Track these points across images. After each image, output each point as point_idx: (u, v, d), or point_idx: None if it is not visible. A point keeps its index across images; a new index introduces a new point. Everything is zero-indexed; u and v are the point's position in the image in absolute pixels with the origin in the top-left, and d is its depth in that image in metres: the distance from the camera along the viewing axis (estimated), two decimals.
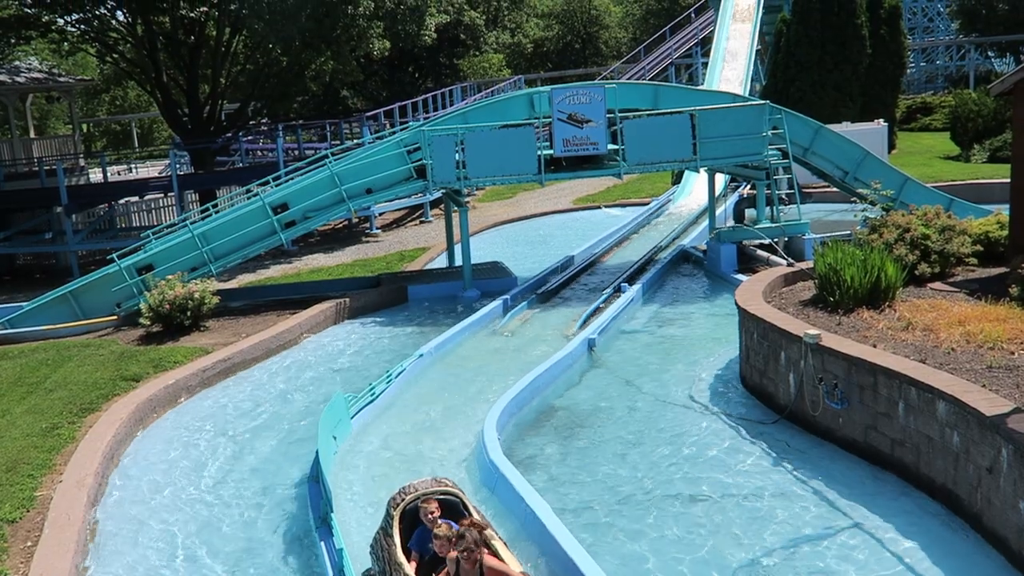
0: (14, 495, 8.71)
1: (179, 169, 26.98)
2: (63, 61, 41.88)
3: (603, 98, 16.60)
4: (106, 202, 27.41)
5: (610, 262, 19.23)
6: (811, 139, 17.74)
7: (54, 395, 11.66)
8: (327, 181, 16.66)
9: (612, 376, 12.10)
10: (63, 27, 28.30)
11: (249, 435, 10.85)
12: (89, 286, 16.03)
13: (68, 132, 38.82)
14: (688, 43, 46.40)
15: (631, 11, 72.44)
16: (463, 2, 45.63)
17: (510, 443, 9.89)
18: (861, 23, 30.03)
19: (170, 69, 29.23)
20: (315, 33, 26.02)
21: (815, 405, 9.41)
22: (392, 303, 16.84)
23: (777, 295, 11.72)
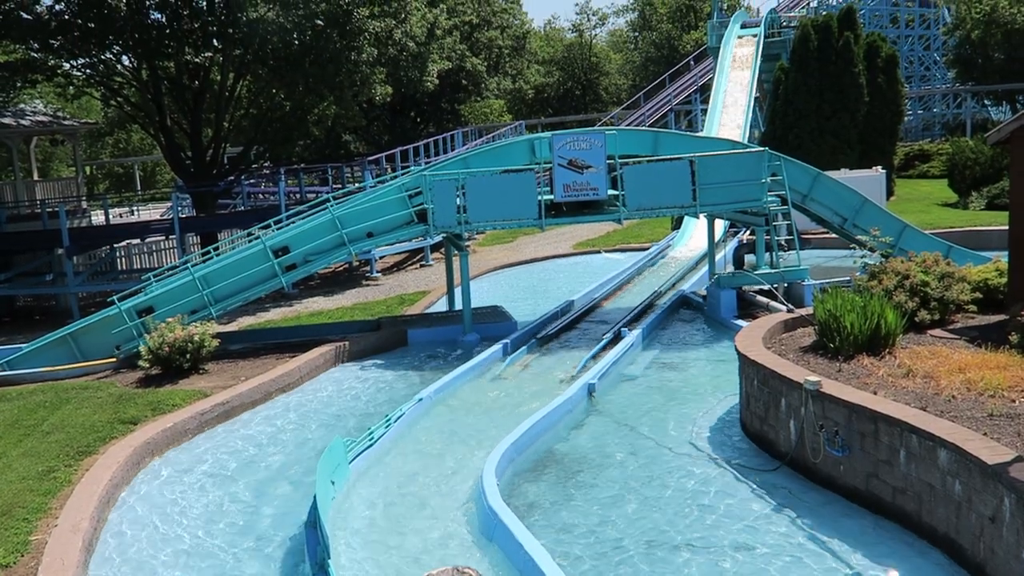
0: (8, 539, 8.63)
1: (181, 212, 27.13)
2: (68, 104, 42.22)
3: (603, 144, 16.74)
4: (107, 244, 27.50)
5: (610, 307, 19.25)
6: (810, 186, 17.85)
7: (51, 438, 11.60)
8: (328, 225, 16.73)
9: (612, 421, 12.05)
10: (69, 71, 28.59)
11: (246, 479, 10.78)
12: (89, 328, 16.02)
13: (71, 175, 39.06)
14: (687, 90, 46.92)
15: (631, 58, 73.36)
16: (465, 49, 46.21)
17: (509, 488, 9.82)
18: (859, 71, 30.41)
19: (174, 113, 29.50)
20: (318, 79, 26.31)
21: (816, 452, 9.36)
22: (392, 347, 16.82)
23: (777, 341, 11.71)
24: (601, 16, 76.58)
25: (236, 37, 25.94)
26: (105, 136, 54.35)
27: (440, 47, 38.34)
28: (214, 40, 26.48)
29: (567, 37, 75.39)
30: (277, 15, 24.92)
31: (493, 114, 58.50)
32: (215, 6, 26.02)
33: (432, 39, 35.11)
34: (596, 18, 75.56)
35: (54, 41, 25.85)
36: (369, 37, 26.32)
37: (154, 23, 25.91)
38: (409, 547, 8.76)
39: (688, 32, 66.23)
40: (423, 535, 8.99)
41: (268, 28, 25.21)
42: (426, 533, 9.03)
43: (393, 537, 8.98)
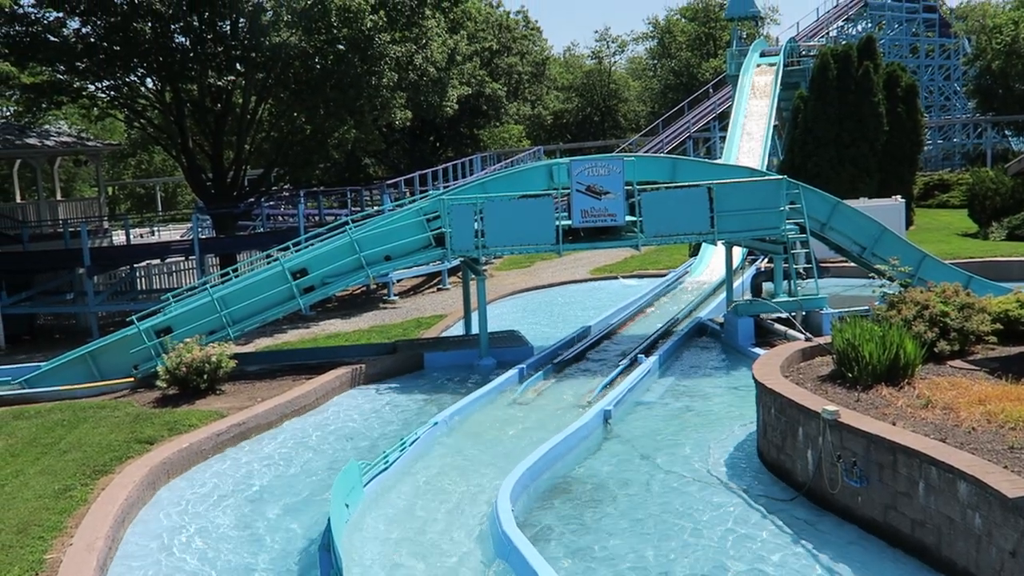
0: (24, 558, 8.66)
1: (201, 233, 27.35)
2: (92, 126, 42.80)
3: (621, 170, 16.77)
4: (128, 264, 27.71)
5: (627, 333, 19.20)
6: (828, 214, 17.80)
7: (68, 456, 11.65)
8: (347, 247, 16.81)
9: (628, 448, 12.00)
10: (94, 93, 28.98)
11: (260, 500, 10.78)
12: (108, 347, 16.12)
13: (94, 195, 39.48)
14: (706, 117, 47.03)
15: (650, 85, 73.61)
16: (485, 74, 46.48)
17: (524, 514, 9.78)
18: (878, 101, 30.41)
19: (196, 135, 29.80)
20: (339, 102, 26.53)
21: (833, 483, 9.28)
22: (408, 370, 16.83)
23: (795, 370, 11.65)
24: (620, 43, 76.86)
25: (259, 61, 26.23)
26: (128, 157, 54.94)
27: (460, 72, 38.60)
28: (237, 64, 26.78)
29: (586, 64, 75.83)
30: (300, 40, 25.19)
31: (512, 139, 58.78)
32: (239, 30, 26.34)
33: (452, 64, 35.37)
34: (615, 45, 75.98)
35: (80, 63, 26.21)
36: (390, 62, 26.54)
37: (178, 47, 26.25)
38: (423, 571, 8.73)
39: (707, 60, 66.45)
40: (437, 559, 8.95)
41: (290, 52, 25.49)
42: (440, 557, 8.99)
43: (407, 560, 8.94)
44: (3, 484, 10.72)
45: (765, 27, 67.93)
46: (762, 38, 48.85)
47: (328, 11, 24.67)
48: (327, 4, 24.66)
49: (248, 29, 26.03)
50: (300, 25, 25.01)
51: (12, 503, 10.08)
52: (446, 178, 36.00)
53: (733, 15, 47.22)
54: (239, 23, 26.27)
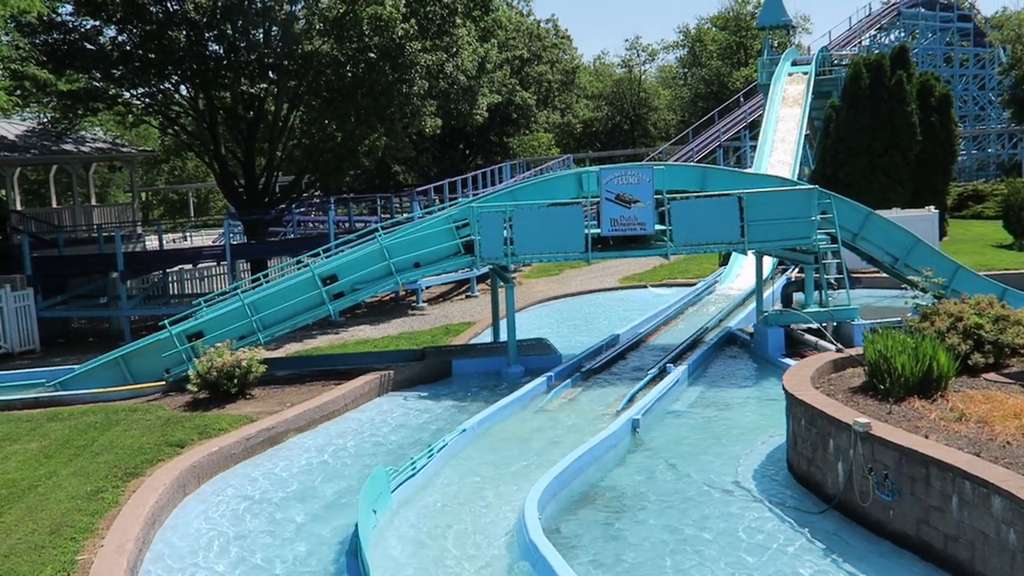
0: (56, 558, 8.76)
1: (232, 238, 27.58)
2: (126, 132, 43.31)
3: (651, 179, 16.73)
4: (160, 269, 28.03)
5: (655, 342, 19.13)
6: (860, 224, 17.64)
7: (100, 458, 11.78)
8: (376, 254, 16.88)
9: (656, 458, 11.94)
10: (129, 100, 29.38)
11: (288, 506, 10.84)
12: (140, 351, 16.29)
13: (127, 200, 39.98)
14: (737, 126, 46.84)
15: (680, 94, 73.48)
16: (515, 83, 46.60)
17: (551, 522, 9.75)
18: (911, 110, 30.12)
19: (228, 142, 30.11)
20: (370, 110, 26.71)
21: (864, 496, 9.18)
22: (436, 377, 16.86)
23: (826, 381, 11.54)
24: (651, 52, 76.75)
25: (291, 69, 26.47)
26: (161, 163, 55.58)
27: (490, 81, 38.73)
28: (270, 72, 27.04)
29: (616, 72, 75.79)
30: (331, 48, 25.40)
31: (541, 147, 58.86)
32: (272, 39, 26.60)
33: (483, 73, 35.50)
34: (646, 54, 75.86)
35: (116, 71, 26.58)
36: (421, 70, 26.68)
37: (212, 55, 26.55)
38: (450, 575, 8.74)
39: (738, 69, 66.22)
40: (464, 566, 8.95)
41: (322, 60, 25.71)
42: (467, 564, 8.99)
43: (433, 567, 8.95)
44: (37, 485, 10.86)
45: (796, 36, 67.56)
46: (794, 47, 48.57)
47: (360, 20, 24.86)
48: (359, 13, 24.85)
49: (281, 37, 26.27)
50: (332, 33, 25.22)
51: (45, 504, 10.21)
52: (475, 186, 36.09)
53: (764, 24, 46.99)
54: (272, 31, 26.53)
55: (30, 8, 18.60)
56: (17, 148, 29.99)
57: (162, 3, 25.37)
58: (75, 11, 26.44)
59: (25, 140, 30.79)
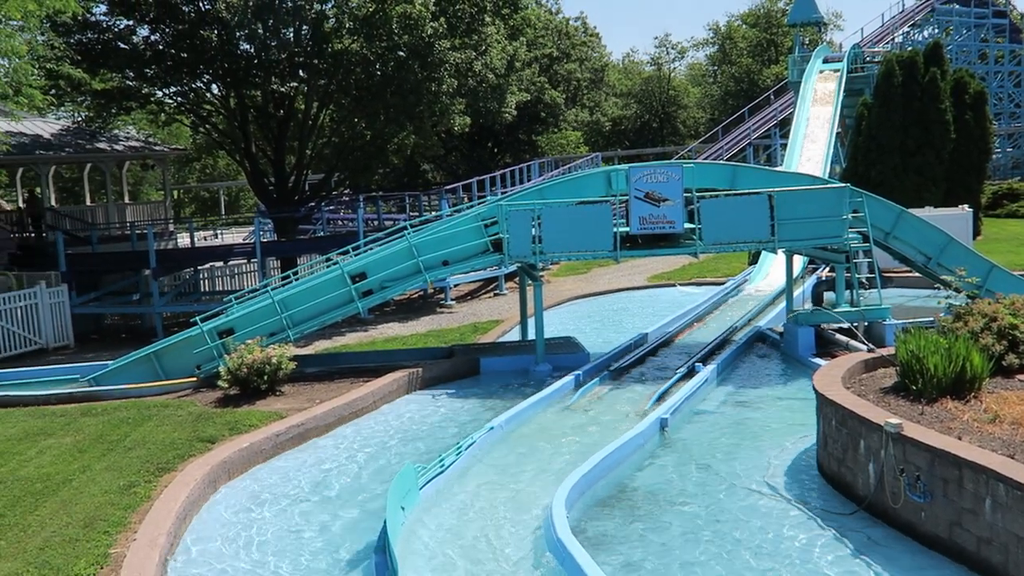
0: (90, 551, 8.88)
1: (263, 236, 27.80)
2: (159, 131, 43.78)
3: (680, 177, 16.66)
4: (192, 266, 28.31)
5: (684, 341, 19.05)
6: (893, 223, 17.46)
7: (133, 453, 11.93)
8: (405, 252, 16.94)
9: (684, 457, 11.89)
10: (161, 99, 29.71)
11: (317, 503, 10.91)
12: (172, 348, 16.46)
13: (160, 198, 40.42)
14: (767, 124, 46.48)
15: (709, 92, 73.09)
16: (544, 81, 46.57)
17: (578, 521, 9.75)
18: (945, 108, 29.76)
19: (259, 140, 30.36)
20: (399, 109, 26.82)
21: (896, 497, 9.09)
22: (464, 375, 16.90)
23: (857, 381, 11.44)
24: (680, 50, 76.41)
25: (321, 68, 26.64)
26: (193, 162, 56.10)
27: (519, 79, 38.74)
28: (300, 70, 27.22)
29: (645, 70, 75.51)
30: (361, 47, 25.52)
31: (570, 146, 58.80)
32: (302, 38, 26.77)
33: (512, 71, 35.52)
34: (675, 51, 75.54)
35: (149, 70, 26.90)
36: (450, 68, 26.75)
37: (243, 54, 26.77)
38: (477, 573, 8.77)
39: (768, 66, 65.75)
40: (491, 563, 8.97)
41: (352, 59, 25.84)
42: (494, 561, 9.01)
43: (461, 564, 8.98)
44: (71, 479, 11.02)
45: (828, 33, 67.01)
46: (825, 44, 48.13)
47: (389, 18, 24.96)
48: (388, 11, 24.95)
49: (311, 36, 26.44)
50: (362, 32, 25.35)
51: (79, 498, 10.35)
52: (504, 184, 36.12)
53: (796, 21, 46.59)
54: (302, 30, 26.70)
55: (65, 8, 18.84)
56: (52, 147, 30.41)
57: (194, 3, 25.63)
58: (109, 11, 26.78)
59: (60, 139, 31.22)
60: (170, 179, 39.29)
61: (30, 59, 19.81)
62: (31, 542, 9.16)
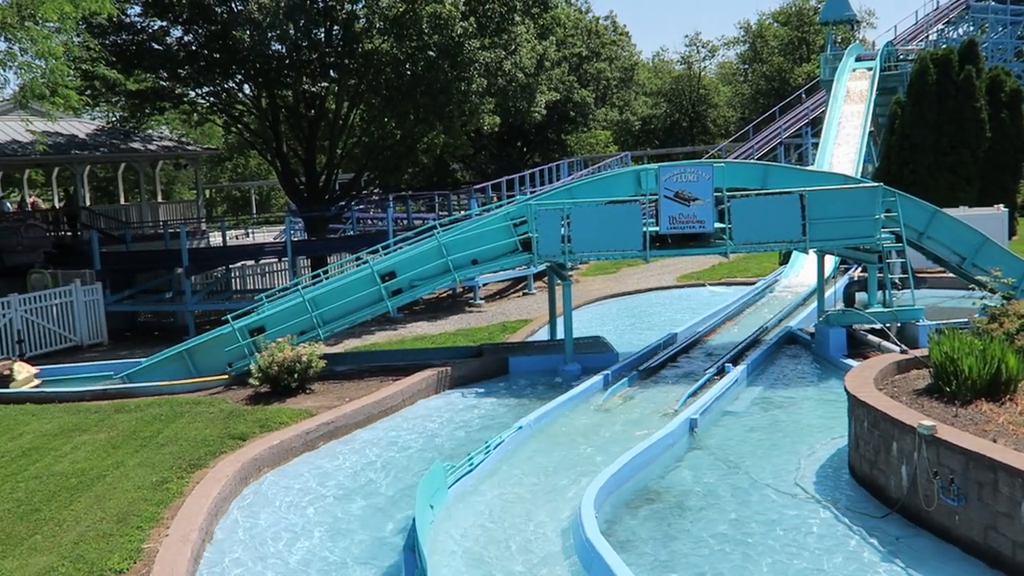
0: (123, 546, 8.99)
1: (293, 235, 28.00)
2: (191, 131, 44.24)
3: (711, 176, 16.57)
4: (224, 265, 28.57)
5: (714, 341, 18.95)
6: (926, 223, 17.26)
7: (165, 450, 12.06)
8: (434, 251, 16.99)
9: (714, 458, 11.83)
10: (194, 99, 30.01)
11: (346, 500, 10.97)
12: (203, 345, 16.62)
13: (192, 197, 40.82)
14: (798, 123, 46.12)
15: (740, 90, 72.61)
16: (573, 80, 46.50)
17: (607, 522, 9.74)
18: (980, 106, 29.34)
19: (290, 140, 30.58)
20: (429, 108, 26.89)
21: (929, 500, 8.99)
22: (493, 374, 16.91)
23: (889, 383, 11.32)
24: (711, 48, 75.91)
25: (351, 68, 26.79)
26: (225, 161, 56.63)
27: (549, 78, 38.72)
28: (331, 70, 27.40)
29: (675, 69, 75.15)
30: (391, 46, 25.63)
31: (599, 145, 58.66)
32: (333, 38, 26.93)
33: (541, 70, 35.52)
34: (706, 50, 75.08)
35: (182, 70, 27.18)
36: (479, 68, 26.79)
37: (274, 54, 26.99)
38: (505, 573, 8.76)
39: (800, 65, 65.21)
40: (519, 562, 8.98)
41: (382, 59, 25.96)
42: (522, 560, 9.01)
43: (489, 562, 8.99)
44: (105, 474, 11.16)
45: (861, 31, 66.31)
46: (858, 42, 47.69)
47: (419, 18, 25.05)
48: (418, 11, 25.04)
49: (341, 36, 26.60)
50: (392, 32, 25.46)
51: (113, 493, 10.48)
52: (533, 183, 36.12)
53: (828, 19, 46.19)
54: (333, 30, 26.87)
55: (100, 10, 19.08)
56: (87, 146, 30.80)
57: (227, 4, 25.86)
58: (143, 12, 27.08)
59: (95, 138, 31.61)
60: (202, 178, 39.67)
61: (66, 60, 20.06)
62: (66, 536, 9.30)
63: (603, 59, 53.04)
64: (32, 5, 17.51)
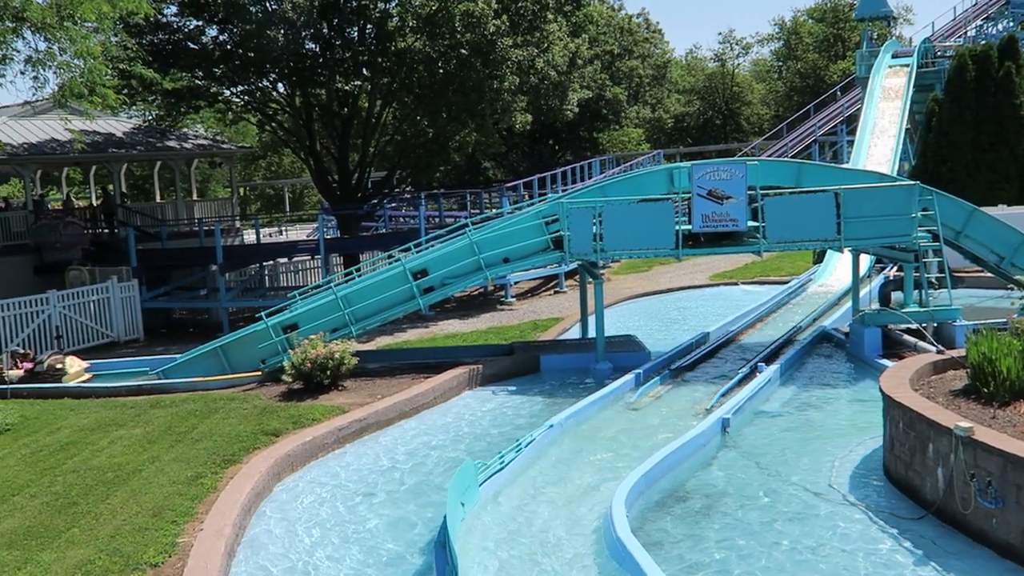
0: (158, 540, 9.11)
1: (326, 233, 28.15)
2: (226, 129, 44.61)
3: (744, 175, 16.46)
4: (257, 262, 28.80)
5: (747, 341, 18.82)
6: (964, 222, 17.02)
7: (200, 445, 12.19)
8: (466, 249, 17.02)
9: (746, 458, 11.75)
10: (229, 98, 30.28)
11: (378, 497, 11.03)
12: (237, 342, 16.77)
13: (227, 195, 41.20)
14: (833, 120, 45.63)
15: (774, 88, 71.95)
16: (606, 78, 46.36)
17: (638, 521, 9.70)
18: (1020, 103, 28.85)
19: (323, 138, 30.78)
20: (461, 106, 26.94)
21: (966, 503, 8.87)
22: (524, 372, 16.91)
23: (925, 383, 11.18)
24: (745, 45, 75.26)
25: (384, 66, 26.90)
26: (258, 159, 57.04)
27: (581, 76, 38.62)
28: (363, 69, 27.54)
29: (709, 66, 74.65)
30: (424, 45, 25.71)
31: (631, 143, 58.45)
32: (366, 36, 27.06)
33: (573, 68, 35.44)
34: (739, 47, 74.47)
35: (217, 69, 27.44)
36: (511, 66, 26.80)
37: (308, 53, 27.16)
38: (536, 571, 8.77)
39: (835, 62, 64.49)
40: (550, 560, 8.98)
41: (415, 57, 26.05)
42: (553, 558, 9.01)
43: (520, 560, 9.00)
44: (141, 469, 11.30)
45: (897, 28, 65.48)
46: (894, 39, 47.09)
47: (452, 16, 25.10)
48: (451, 9, 25.09)
49: (375, 35, 26.72)
50: (424, 30, 25.54)
51: (148, 488, 10.61)
52: (565, 181, 36.07)
53: (864, 15, 45.75)
54: (366, 29, 26.99)
55: (137, 9, 19.33)
56: (124, 145, 31.20)
57: (261, 3, 26.06)
58: (179, 12, 27.36)
59: (131, 137, 32.01)
60: (236, 176, 40.04)
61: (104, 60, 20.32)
62: (103, 530, 9.43)
63: (635, 56, 52.83)
64: (71, 5, 17.76)
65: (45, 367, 16.53)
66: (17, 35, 18.12)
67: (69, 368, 16.60)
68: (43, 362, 16.63)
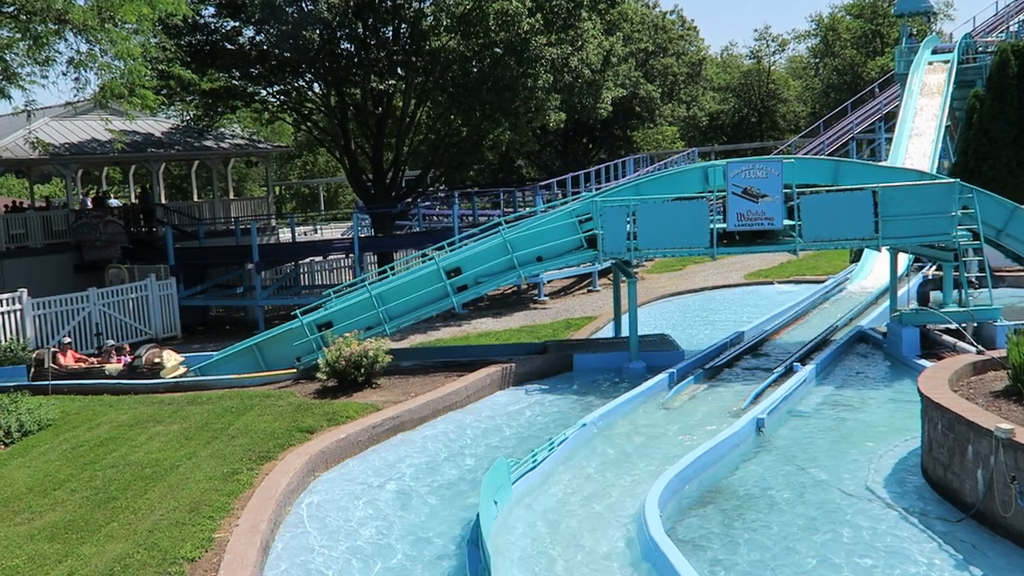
0: (195, 535, 9.22)
1: (360, 231, 28.31)
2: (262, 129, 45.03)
3: (780, 173, 16.31)
4: (292, 260, 29.03)
5: (782, 340, 18.66)
6: (1006, 220, 16.74)
7: (236, 442, 12.32)
8: (499, 248, 17.03)
9: (781, 459, 11.65)
10: (265, 98, 30.55)
11: (411, 494, 11.07)
12: (273, 340, 16.93)
13: (263, 194, 41.58)
14: (871, 118, 45.06)
15: (811, 85, 71.25)
16: (640, 76, 46.17)
17: (671, 521, 9.66)
18: None
19: (358, 137, 30.95)
20: (495, 105, 26.97)
21: (1006, 506, 8.73)
22: (557, 371, 16.89)
23: (964, 384, 11.02)
24: (781, 42, 74.52)
25: (418, 65, 27.01)
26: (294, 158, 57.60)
27: (615, 74, 38.52)
28: (398, 68, 27.66)
29: (744, 64, 74.04)
30: (458, 44, 25.77)
31: (665, 141, 58.15)
32: (400, 36, 27.18)
33: (607, 66, 35.34)
34: (775, 44, 73.78)
35: (253, 70, 27.71)
36: (545, 64, 26.77)
37: (343, 53, 27.33)
38: (567, 569, 8.76)
39: (873, 58, 63.72)
40: (583, 559, 8.97)
41: (449, 56, 26.12)
42: (585, 558, 9.00)
43: (552, 558, 9.00)
44: (178, 465, 11.45)
45: (938, 23, 64.52)
46: (934, 34, 46.39)
47: (486, 15, 25.13)
48: (485, 8, 25.12)
49: (409, 34, 26.82)
50: (459, 29, 25.60)
51: (186, 483, 10.75)
52: (599, 179, 35.97)
53: (903, 11, 45.00)
54: (400, 29, 27.11)
55: (176, 11, 19.55)
56: (163, 144, 31.59)
57: (297, 3, 26.26)
58: (216, 13, 27.65)
59: (170, 137, 32.40)
60: (272, 175, 40.39)
61: (144, 61, 20.59)
62: (141, 524, 9.56)
63: (670, 54, 52.56)
64: (112, 7, 17.99)
65: (144, 361, 16.67)
66: (60, 37, 18.39)
67: (167, 362, 16.74)
68: (141, 356, 16.75)
